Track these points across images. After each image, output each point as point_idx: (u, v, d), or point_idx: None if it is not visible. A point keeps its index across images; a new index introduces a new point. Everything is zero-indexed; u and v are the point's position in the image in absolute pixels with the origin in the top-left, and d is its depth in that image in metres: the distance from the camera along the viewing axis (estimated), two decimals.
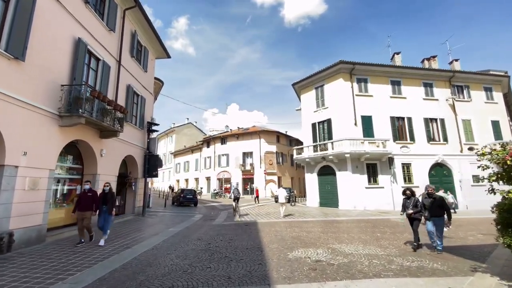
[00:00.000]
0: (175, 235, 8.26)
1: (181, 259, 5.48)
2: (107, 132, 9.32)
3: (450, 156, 17.79)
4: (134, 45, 12.25)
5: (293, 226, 9.80)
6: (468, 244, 7.10)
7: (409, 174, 17.16)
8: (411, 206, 6.34)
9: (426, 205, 6.15)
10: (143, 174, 13.20)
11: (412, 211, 6.30)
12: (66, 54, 7.78)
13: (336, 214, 13.72)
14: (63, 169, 8.49)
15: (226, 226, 10.18)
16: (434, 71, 19.10)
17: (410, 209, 6.35)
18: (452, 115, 18.71)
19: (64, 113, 7.37)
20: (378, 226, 9.90)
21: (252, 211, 15.57)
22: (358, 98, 17.47)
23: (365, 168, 16.54)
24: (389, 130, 17.43)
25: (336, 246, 6.52)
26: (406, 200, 6.55)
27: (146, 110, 13.77)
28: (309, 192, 18.99)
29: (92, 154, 9.11)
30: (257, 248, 6.25)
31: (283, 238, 7.56)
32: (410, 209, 6.35)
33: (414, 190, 6.66)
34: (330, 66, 17.72)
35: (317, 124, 18.96)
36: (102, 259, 5.42)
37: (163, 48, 15.01)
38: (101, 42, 9.50)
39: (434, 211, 6.00)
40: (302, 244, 6.69)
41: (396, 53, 20.54)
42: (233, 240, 7.33)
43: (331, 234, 8.11)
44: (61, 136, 7.51)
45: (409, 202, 6.43)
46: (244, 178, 31.64)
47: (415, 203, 6.33)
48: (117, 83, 10.61)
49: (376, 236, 7.88)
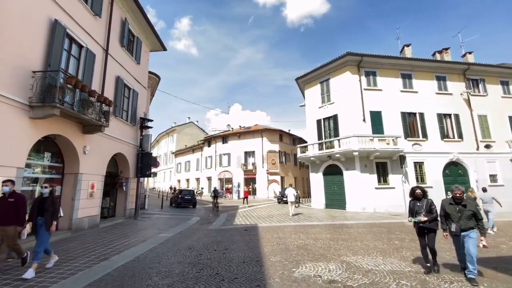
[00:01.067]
0: (165, 242, 7.28)
1: (162, 276, 4.48)
2: (90, 126, 8.38)
3: (466, 154, 16.57)
4: (125, 34, 11.31)
5: (298, 232, 8.75)
6: (505, 255, 6.01)
7: (422, 173, 15.98)
8: (424, 210, 4.68)
9: (451, 214, 4.43)
10: (135, 174, 12.25)
11: (425, 218, 4.60)
12: (40, 37, 6.84)
13: (344, 217, 12.63)
14: (39, 168, 7.55)
15: (223, 231, 9.17)
16: (447, 63, 17.88)
17: (422, 215, 4.66)
18: (467, 110, 17.49)
19: (36, 103, 6.43)
20: (393, 232, 8.82)
21: (253, 213, 14.55)
22: (366, 92, 16.33)
23: (375, 167, 15.40)
24: (400, 126, 16.27)
25: (351, 259, 5.46)
26: (415, 202, 4.89)
27: (139, 105, 12.83)
28: (314, 192, 17.89)
29: (74, 151, 8.16)
30: (255, 262, 5.21)
31: (287, 247, 6.52)
32: (422, 214, 4.67)
33: (425, 190, 5.03)
34: (336, 58, 16.60)
35: (323, 120, 17.85)
36: (67, 276, 4.45)
37: (158, 39, 14.04)
38: (84, 27, 8.55)
39: (465, 223, 4.28)
40: (310, 256, 5.64)
41: (406, 45, 19.32)
42: (228, 249, 6.31)
43: (342, 242, 7.04)
44: (33, 130, 6.56)
45: (419, 206, 4.77)
46: (246, 178, 30.61)
47: (429, 206, 4.70)
48: (104, 73, 9.66)
49: (394, 245, 6.81)
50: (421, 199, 4.85)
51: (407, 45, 19.36)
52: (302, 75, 19.28)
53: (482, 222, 4.38)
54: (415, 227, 4.84)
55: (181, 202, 18.24)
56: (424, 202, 4.78)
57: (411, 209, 4.92)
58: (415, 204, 4.88)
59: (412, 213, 4.88)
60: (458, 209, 4.39)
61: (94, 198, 9.10)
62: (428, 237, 4.68)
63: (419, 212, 4.74)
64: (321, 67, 17.77)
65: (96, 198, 9.25)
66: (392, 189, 15.20)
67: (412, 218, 4.83)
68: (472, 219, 4.30)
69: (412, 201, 4.98)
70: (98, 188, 9.34)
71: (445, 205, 4.58)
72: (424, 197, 4.86)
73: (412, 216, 4.87)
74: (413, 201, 4.97)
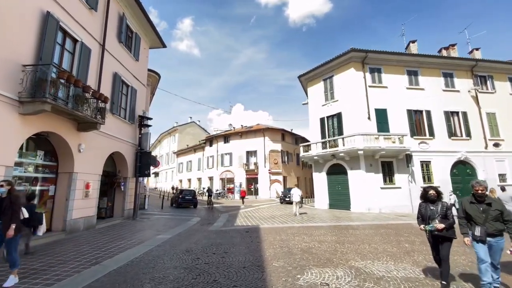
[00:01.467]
0: (162, 245, 6.93)
1: (155, 283, 4.12)
2: (85, 124, 8.06)
3: (474, 153, 16.08)
4: (122, 30, 11.00)
5: (302, 233, 8.36)
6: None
7: (429, 173, 15.51)
8: (439, 216, 3.91)
9: (474, 215, 3.67)
10: (134, 173, 11.93)
11: (443, 225, 3.82)
12: (31, 30, 6.54)
13: (349, 217, 12.21)
14: (31, 167, 7.24)
15: (223, 232, 8.81)
16: (454, 60, 17.40)
17: (437, 221, 3.87)
18: (475, 108, 16.99)
19: (26, 98, 6.12)
20: (401, 234, 8.40)
21: (255, 213, 14.18)
22: (371, 89, 15.89)
23: (380, 167, 14.96)
24: (406, 124, 15.82)
25: (360, 264, 5.05)
26: (428, 206, 4.09)
27: (138, 103, 12.52)
28: (317, 193, 17.47)
29: (68, 149, 7.85)
30: (256, 267, 4.84)
31: (290, 250, 6.14)
32: (437, 221, 3.88)
33: (440, 191, 4.24)
34: (340, 55, 16.16)
35: (326, 118, 17.43)
36: (53, 282, 4.11)
37: (157, 36, 13.73)
38: (78, 21, 8.24)
39: (492, 225, 3.55)
40: (316, 261, 5.24)
41: (411, 42, 18.80)
42: (228, 253, 5.94)
43: (349, 245, 6.64)
44: (23, 127, 6.24)
45: (433, 210, 3.99)
46: (248, 178, 30.23)
47: (445, 211, 3.93)
48: (100, 69, 9.34)
49: (405, 248, 6.40)
50: (435, 202, 4.06)
51: (412, 41, 18.85)
52: (304, 72, 18.88)
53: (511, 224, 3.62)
54: (428, 235, 4.05)
55: (182, 202, 17.91)
56: (438, 205, 4.00)
57: (423, 214, 4.11)
58: (428, 207, 4.07)
59: (424, 219, 4.10)
60: (482, 209, 3.65)
61: (90, 198, 8.78)
62: (443, 246, 3.92)
63: (432, 217, 3.96)
64: (324, 64, 17.34)
65: (92, 198, 8.93)
66: (398, 189, 14.75)
67: (426, 226, 3.97)
68: (499, 221, 3.60)
69: (423, 204, 4.18)
70: (94, 188, 9.03)
71: (465, 204, 3.81)
72: (438, 199, 4.09)
73: (424, 222, 4.07)
74: (424, 204, 4.17)
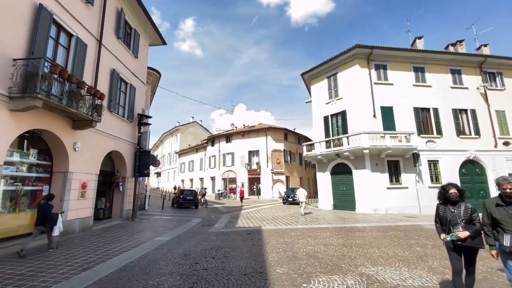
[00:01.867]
0: (159, 248, 6.60)
1: None
2: (81, 121, 7.76)
3: (483, 152, 15.56)
4: (121, 25, 10.69)
5: (306, 236, 7.97)
6: None
7: (436, 172, 15.03)
8: (462, 221, 3.17)
9: (502, 220, 2.97)
10: (133, 173, 11.63)
11: (467, 232, 3.07)
12: (22, 23, 6.26)
13: (355, 219, 11.80)
14: (24, 166, 6.95)
15: (224, 234, 8.46)
16: (462, 56, 16.86)
17: (460, 228, 3.13)
18: (484, 105, 16.45)
19: (16, 93, 5.83)
20: (411, 236, 7.98)
21: (257, 214, 13.81)
22: (376, 86, 15.44)
23: (386, 166, 14.51)
24: (413, 122, 15.34)
25: (371, 270, 4.67)
26: (447, 208, 3.33)
27: (137, 101, 12.22)
28: (321, 193, 17.05)
29: (62, 148, 7.55)
30: (259, 274, 4.47)
31: (294, 255, 5.76)
32: (460, 227, 3.14)
33: (463, 189, 3.42)
34: (344, 51, 15.72)
35: (330, 117, 17.00)
36: None
37: (157, 33, 13.43)
38: (73, 15, 7.94)
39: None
40: (323, 267, 4.86)
41: (418, 38, 18.31)
42: (228, 257, 5.58)
43: (357, 249, 6.25)
44: (13, 124, 5.95)
45: (454, 213, 3.23)
46: (250, 178, 29.89)
47: (469, 215, 3.17)
48: (97, 65, 9.04)
49: (417, 252, 5.99)
50: (457, 203, 3.30)
51: (418, 38, 18.37)
52: (308, 70, 18.47)
53: None
54: (446, 244, 3.28)
55: (183, 202, 17.61)
56: (461, 207, 3.25)
57: (442, 219, 3.34)
58: (447, 210, 3.31)
59: (443, 224, 3.32)
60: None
61: (86, 199, 8.48)
62: (469, 259, 3.18)
63: (454, 222, 3.19)
64: (328, 61, 16.92)
65: (89, 199, 8.63)
66: (405, 189, 14.29)
67: (447, 236, 3.19)
68: None
69: (441, 206, 3.41)
70: (91, 188, 8.73)
71: (490, 207, 3.11)
72: (461, 200, 3.31)
73: (444, 229, 3.30)
74: (443, 206, 3.39)
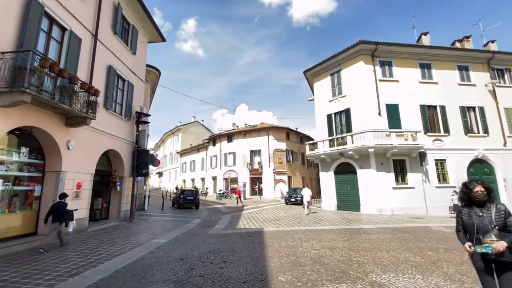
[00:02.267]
0: (155, 251, 6.26)
1: None
2: (74, 118, 7.44)
3: (492, 151, 15.06)
4: (118, 20, 10.38)
5: (310, 239, 7.59)
6: None
7: (444, 172, 14.57)
8: (494, 227, 2.44)
9: None
10: (130, 173, 11.31)
11: (505, 243, 2.31)
12: (11, 14, 5.95)
13: (360, 220, 11.39)
14: (14, 165, 6.64)
15: (224, 236, 8.10)
16: (469, 52, 16.35)
17: (494, 237, 2.38)
18: (493, 102, 15.95)
19: (3, 88, 5.51)
20: (421, 238, 7.58)
21: (259, 215, 13.44)
22: (381, 83, 15.01)
23: (392, 165, 14.07)
24: (419, 120, 14.89)
25: (382, 278, 4.28)
26: (473, 211, 2.62)
27: (135, 99, 11.90)
28: (324, 193, 16.63)
29: (55, 146, 7.23)
30: (259, 282, 4.10)
31: (298, 260, 5.38)
32: (493, 235, 2.40)
33: (491, 188, 2.68)
34: (348, 47, 15.31)
35: (334, 115, 16.59)
36: None
37: (155, 29, 13.11)
38: (67, 8, 7.62)
39: None
40: (329, 274, 4.48)
41: (423, 34, 17.81)
42: (227, 262, 5.22)
43: (365, 253, 5.86)
44: (0, 120, 5.64)
45: (482, 218, 2.52)
46: (252, 178, 29.51)
47: (503, 219, 2.46)
48: (93, 61, 8.72)
49: (429, 257, 5.59)
50: (484, 205, 2.57)
51: (424, 34, 17.87)
52: (310, 67, 18.05)
53: None
54: (473, 257, 2.57)
55: (183, 203, 17.27)
56: (491, 210, 2.51)
57: (467, 225, 2.61)
58: (472, 213, 2.59)
59: (469, 233, 2.61)
60: None
61: (81, 199, 8.17)
62: (504, 276, 2.39)
63: (485, 229, 2.45)
64: (331, 57, 16.51)
65: (84, 199, 8.31)
66: (411, 189, 13.85)
67: (477, 247, 2.41)
68: None
69: (465, 210, 2.68)
70: (86, 188, 8.41)
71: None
72: (489, 200, 2.58)
73: (470, 237, 2.57)
74: (467, 208, 2.67)
